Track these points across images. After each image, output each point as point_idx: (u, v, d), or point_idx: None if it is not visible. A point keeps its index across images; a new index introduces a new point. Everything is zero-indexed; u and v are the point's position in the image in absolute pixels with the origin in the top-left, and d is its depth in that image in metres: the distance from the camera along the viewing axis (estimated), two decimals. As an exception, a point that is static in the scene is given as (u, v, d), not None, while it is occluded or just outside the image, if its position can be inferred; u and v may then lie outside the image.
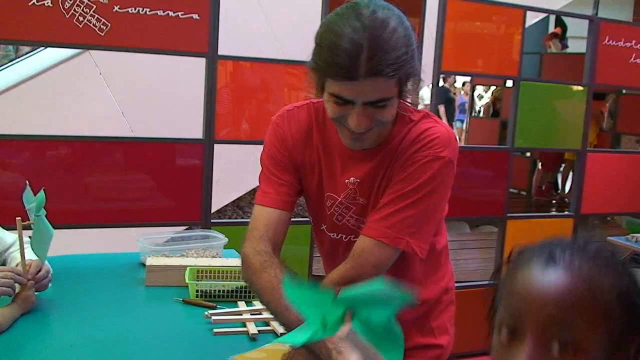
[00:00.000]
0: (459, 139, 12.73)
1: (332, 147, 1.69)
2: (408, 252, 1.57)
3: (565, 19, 9.88)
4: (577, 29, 10.01)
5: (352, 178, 1.66)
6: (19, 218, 2.04)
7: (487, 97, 11.42)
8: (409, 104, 1.58)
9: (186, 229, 3.70)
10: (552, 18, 10.73)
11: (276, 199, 1.69)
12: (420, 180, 1.54)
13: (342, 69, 1.39)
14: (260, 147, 1.77)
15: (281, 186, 1.70)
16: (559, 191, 9.44)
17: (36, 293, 2.09)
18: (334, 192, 1.70)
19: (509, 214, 4.45)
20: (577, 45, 10.56)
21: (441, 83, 9.78)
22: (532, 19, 4.90)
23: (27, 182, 2.15)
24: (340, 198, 1.68)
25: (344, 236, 1.72)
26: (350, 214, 1.68)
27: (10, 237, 2.37)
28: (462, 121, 13.41)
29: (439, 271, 1.83)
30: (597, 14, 4.63)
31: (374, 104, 1.44)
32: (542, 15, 7.93)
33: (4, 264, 2.34)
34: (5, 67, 5.53)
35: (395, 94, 1.46)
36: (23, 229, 2.05)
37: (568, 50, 10.15)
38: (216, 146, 3.47)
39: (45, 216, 2.10)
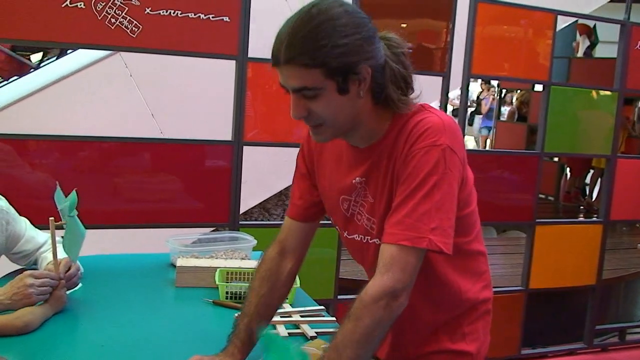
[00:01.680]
0: (485, 147, 12.64)
1: (338, 150, 1.72)
2: (433, 251, 1.53)
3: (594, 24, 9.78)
4: (607, 33, 9.95)
5: (357, 178, 1.67)
6: (52, 218, 2.05)
7: (513, 102, 11.32)
8: (403, 104, 1.59)
9: (213, 231, 3.72)
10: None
11: (291, 209, 1.86)
12: (424, 173, 1.52)
13: (271, 55, 1.51)
14: (289, 150, 1.80)
15: (299, 199, 1.84)
16: (587, 197, 9.35)
17: (67, 292, 2.10)
18: (347, 193, 1.71)
19: (538, 220, 4.42)
20: (606, 50, 10.48)
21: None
22: (560, 23, 4.86)
23: (57, 182, 2.17)
24: (353, 198, 1.70)
25: (362, 237, 1.72)
26: (364, 213, 1.69)
27: (42, 236, 2.39)
28: (488, 128, 13.25)
29: (475, 275, 1.80)
30: (629, 18, 4.58)
31: (300, 91, 1.50)
32: (571, 20, 7.86)
33: (35, 263, 2.37)
34: (37, 69, 5.60)
35: (324, 85, 1.48)
36: (55, 229, 2.07)
37: (597, 54, 10.06)
38: (244, 148, 3.48)
39: (78, 216, 2.12)
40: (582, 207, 9.12)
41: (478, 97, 14.02)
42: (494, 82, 12.48)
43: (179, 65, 4.75)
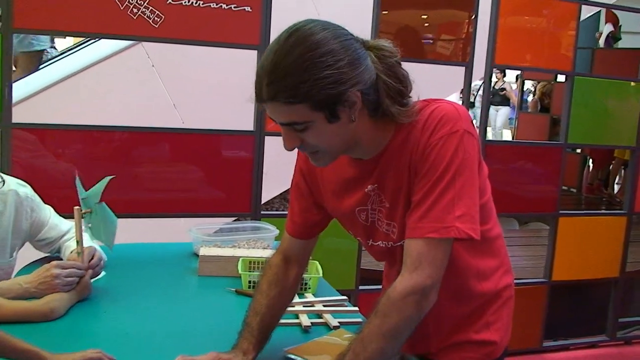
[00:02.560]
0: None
1: (341, 167, 1.66)
2: (462, 239, 1.50)
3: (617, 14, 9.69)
4: (631, 24, 9.85)
5: (369, 186, 1.63)
6: (77, 207, 2.06)
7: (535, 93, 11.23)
8: (403, 115, 1.52)
9: (235, 220, 3.72)
10: (603, 14, 10.51)
11: (290, 226, 1.82)
12: (446, 161, 1.48)
13: (254, 92, 1.45)
14: None
15: (299, 216, 1.80)
16: (609, 189, 9.27)
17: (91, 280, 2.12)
18: (362, 204, 1.67)
19: (561, 211, 4.39)
20: (630, 40, 10.37)
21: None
22: (584, 13, 4.82)
23: (76, 172, 2.18)
24: (369, 206, 1.66)
25: (386, 243, 1.69)
26: (383, 219, 1.66)
27: (65, 224, 2.40)
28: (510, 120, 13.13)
29: (496, 262, 1.77)
30: (654, 8, 4.53)
31: (289, 125, 1.46)
32: (595, 9, 7.79)
33: (58, 251, 2.38)
34: (59, 59, 5.63)
35: (313, 118, 1.43)
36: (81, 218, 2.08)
37: (620, 45, 9.95)
38: (266, 138, 3.48)
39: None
40: (604, 199, 9.04)
41: (493, 87, 13.76)
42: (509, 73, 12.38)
43: (200, 56, 4.77)
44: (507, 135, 13.50)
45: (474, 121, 1.60)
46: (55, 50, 6.24)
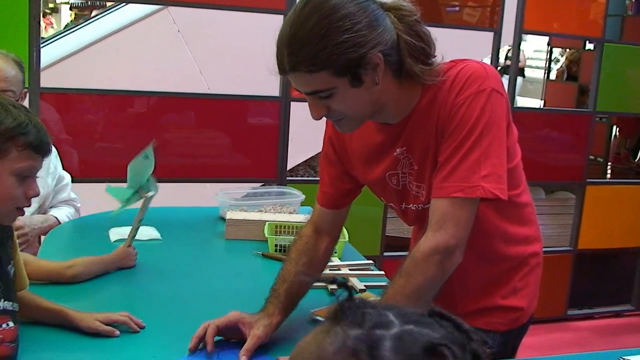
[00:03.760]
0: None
1: (369, 131, 1.65)
2: (488, 199, 1.48)
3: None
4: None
5: (398, 149, 1.62)
6: (150, 193, 2.02)
7: (562, 61, 11.08)
8: (427, 75, 1.50)
9: (261, 186, 3.74)
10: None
11: (321, 197, 1.80)
12: (472, 120, 1.47)
13: (277, 64, 1.45)
14: None
15: (329, 187, 1.79)
16: (637, 159, 9.16)
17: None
18: (392, 168, 1.66)
19: (589, 180, 4.35)
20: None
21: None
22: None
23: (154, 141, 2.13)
24: (400, 170, 1.65)
25: (417, 206, 1.68)
26: (413, 182, 1.65)
27: (71, 194, 2.51)
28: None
29: (525, 230, 1.76)
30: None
31: (314, 94, 1.45)
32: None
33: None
34: (86, 24, 5.64)
35: (336, 84, 1.42)
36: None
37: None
38: (292, 104, 3.47)
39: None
40: (632, 169, 8.94)
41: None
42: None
43: (226, 21, 4.75)
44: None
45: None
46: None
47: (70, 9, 13.26)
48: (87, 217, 2.64)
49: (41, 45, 3.12)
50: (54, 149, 2.33)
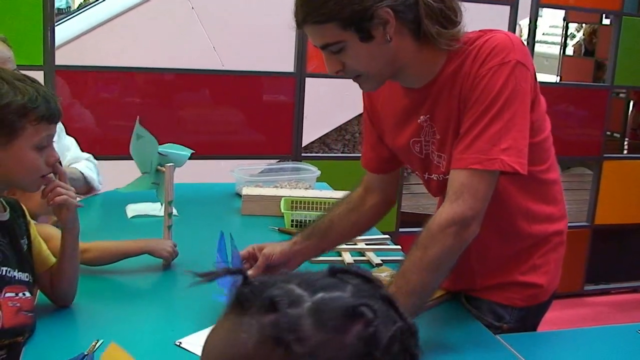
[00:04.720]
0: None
1: (396, 97, 1.66)
2: (507, 172, 1.47)
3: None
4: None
5: (421, 117, 1.61)
6: (170, 165, 1.99)
7: (579, 36, 10.96)
8: (443, 38, 1.49)
9: (277, 162, 3.73)
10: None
11: (364, 160, 1.85)
12: (495, 92, 1.45)
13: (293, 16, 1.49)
14: (351, 83, 1.72)
15: (371, 151, 1.83)
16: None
17: None
18: (416, 135, 1.65)
19: (605, 155, 4.32)
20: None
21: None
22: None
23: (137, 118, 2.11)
24: (423, 138, 1.64)
25: (438, 176, 1.67)
26: (435, 151, 1.64)
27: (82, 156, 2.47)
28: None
29: (550, 208, 1.73)
30: None
31: (326, 48, 1.48)
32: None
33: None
34: (100, 2, 5.63)
35: (345, 37, 1.44)
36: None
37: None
38: (307, 80, 3.45)
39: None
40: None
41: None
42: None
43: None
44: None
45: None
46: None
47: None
48: (104, 193, 2.65)
49: (55, 24, 3.12)
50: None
